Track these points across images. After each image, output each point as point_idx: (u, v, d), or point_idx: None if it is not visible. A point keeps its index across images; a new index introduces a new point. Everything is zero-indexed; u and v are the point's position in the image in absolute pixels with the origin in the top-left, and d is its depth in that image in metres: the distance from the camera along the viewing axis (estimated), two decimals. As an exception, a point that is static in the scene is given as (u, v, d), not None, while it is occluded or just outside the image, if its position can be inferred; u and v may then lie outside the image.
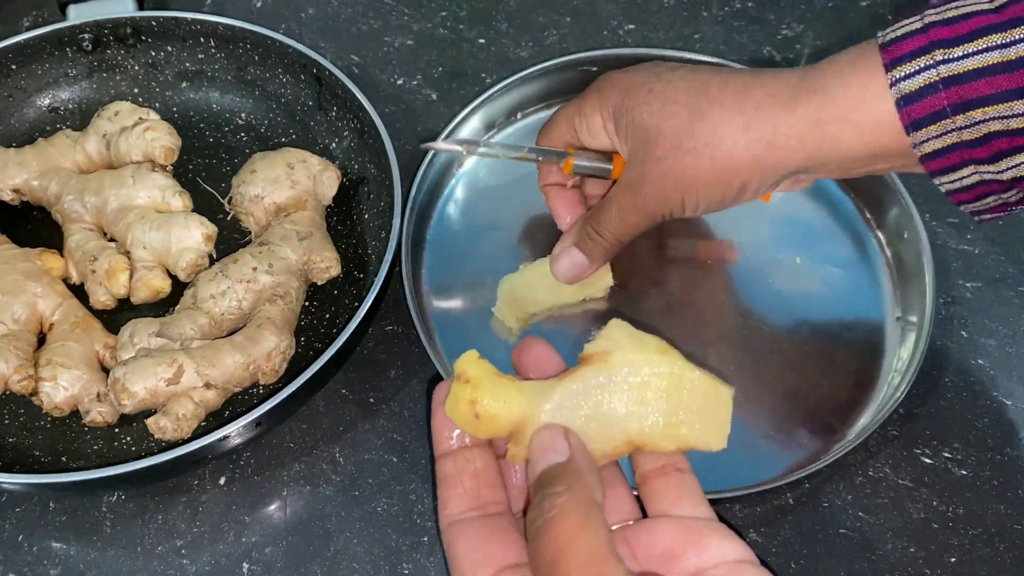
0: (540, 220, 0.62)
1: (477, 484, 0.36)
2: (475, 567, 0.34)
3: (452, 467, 0.36)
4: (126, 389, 0.50)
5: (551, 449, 0.34)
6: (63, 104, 0.66)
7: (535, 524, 0.32)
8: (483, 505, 0.36)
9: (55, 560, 0.51)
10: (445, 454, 0.36)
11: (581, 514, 0.32)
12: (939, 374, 0.57)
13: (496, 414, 0.35)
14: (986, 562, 0.51)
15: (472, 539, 0.35)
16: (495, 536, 0.35)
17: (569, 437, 0.34)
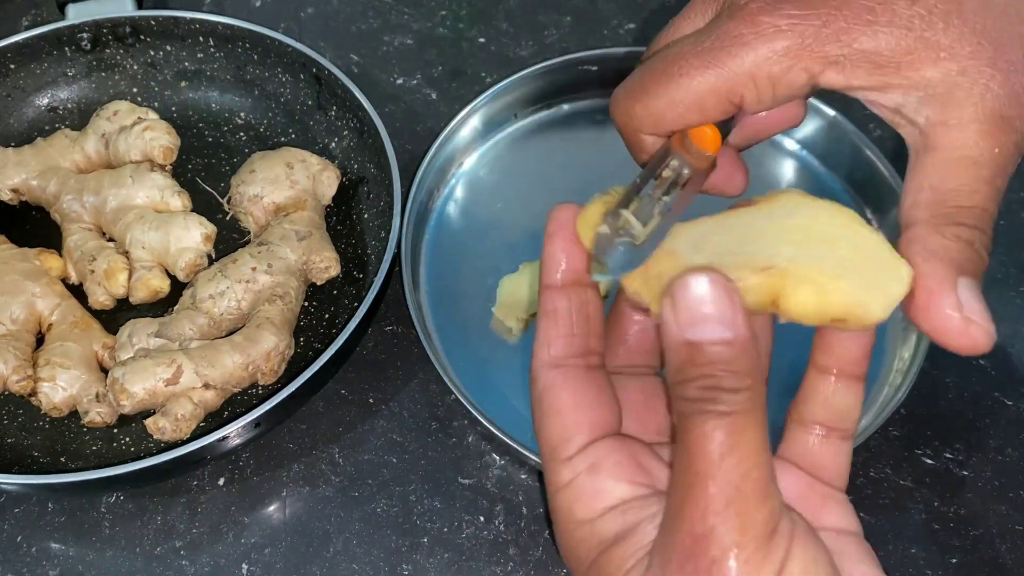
0: (540, 220, 0.61)
1: (587, 330, 0.32)
2: (578, 425, 0.31)
3: (565, 303, 0.32)
4: (125, 389, 0.50)
5: (717, 317, 0.28)
6: (62, 104, 0.66)
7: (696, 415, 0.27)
8: (587, 354, 0.32)
9: (54, 561, 0.51)
10: (554, 286, 0.32)
11: (758, 423, 0.28)
12: (940, 374, 0.57)
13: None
14: (987, 563, 0.51)
15: (578, 393, 0.32)
16: (601, 396, 0.32)
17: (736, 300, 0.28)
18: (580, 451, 0.31)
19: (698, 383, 0.27)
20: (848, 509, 0.33)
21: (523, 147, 0.65)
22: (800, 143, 0.64)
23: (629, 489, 0.31)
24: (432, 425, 0.55)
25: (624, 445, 0.32)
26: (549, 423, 0.32)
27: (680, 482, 0.28)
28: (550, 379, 0.32)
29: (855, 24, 0.31)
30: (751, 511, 0.27)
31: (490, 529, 0.52)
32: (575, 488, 0.31)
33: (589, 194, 0.67)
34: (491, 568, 0.51)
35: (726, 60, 0.32)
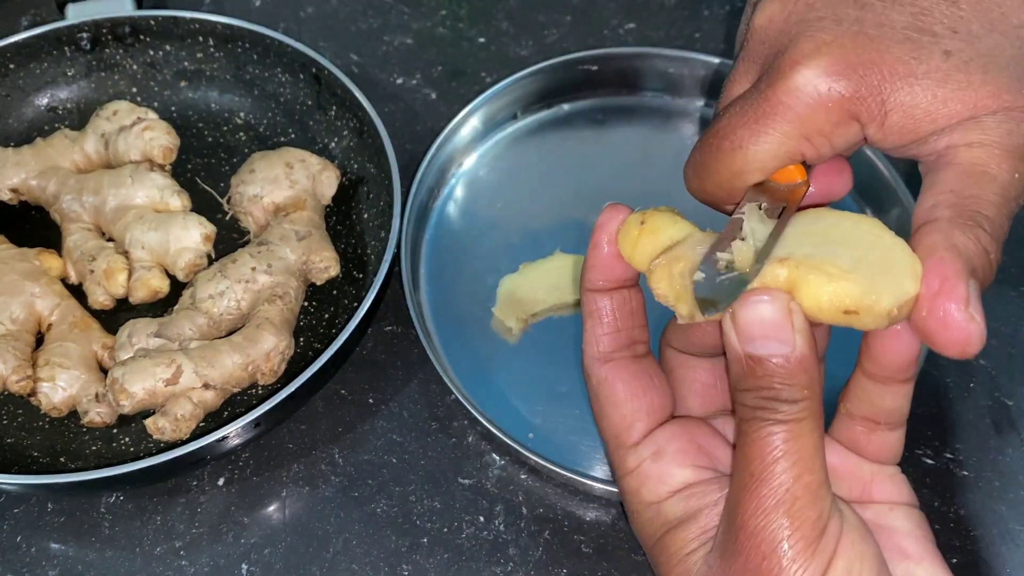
0: (540, 220, 0.62)
1: (631, 324, 0.35)
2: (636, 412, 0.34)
3: (608, 303, 0.35)
4: (124, 389, 0.50)
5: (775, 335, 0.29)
6: (61, 103, 0.66)
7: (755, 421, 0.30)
8: (633, 345, 0.35)
9: (53, 561, 0.51)
10: (597, 289, 0.35)
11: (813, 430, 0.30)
12: (940, 375, 0.57)
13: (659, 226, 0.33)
14: (987, 563, 0.51)
15: (631, 383, 0.34)
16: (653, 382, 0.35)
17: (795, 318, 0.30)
18: (644, 438, 0.34)
19: (757, 393, 0.30)
20: (899, 480, 0.35)
21: (523, 147, 0.65)
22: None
23: (692, 473, 0.34)
24: (432, 425, 0.55)
25: (685, 430, 0.34)
26: (608, 413, 0.34)
27: (737, 481, 0.30)
28: (603, 373, 0.35)
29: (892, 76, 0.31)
30: (801, 512, 0.29)
31: (490, 529, 0.52)
32: (641, 473, 0.34)
33: (589, 194, 0.67)
34: (491, 568, 0.51)
35: (773, 127, 0.33)
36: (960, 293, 0.30)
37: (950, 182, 0.32)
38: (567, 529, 0.52)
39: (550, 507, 0.52)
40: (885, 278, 0.29)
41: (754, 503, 0.29)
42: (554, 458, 0.50)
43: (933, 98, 0.31)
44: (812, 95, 0.32)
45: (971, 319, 0.30)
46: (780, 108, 0.32)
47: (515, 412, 0.54)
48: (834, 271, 0.29)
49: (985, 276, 0.31)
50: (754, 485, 0.29)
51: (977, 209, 0.31)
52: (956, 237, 0.30)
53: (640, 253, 0.33)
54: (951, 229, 0.31)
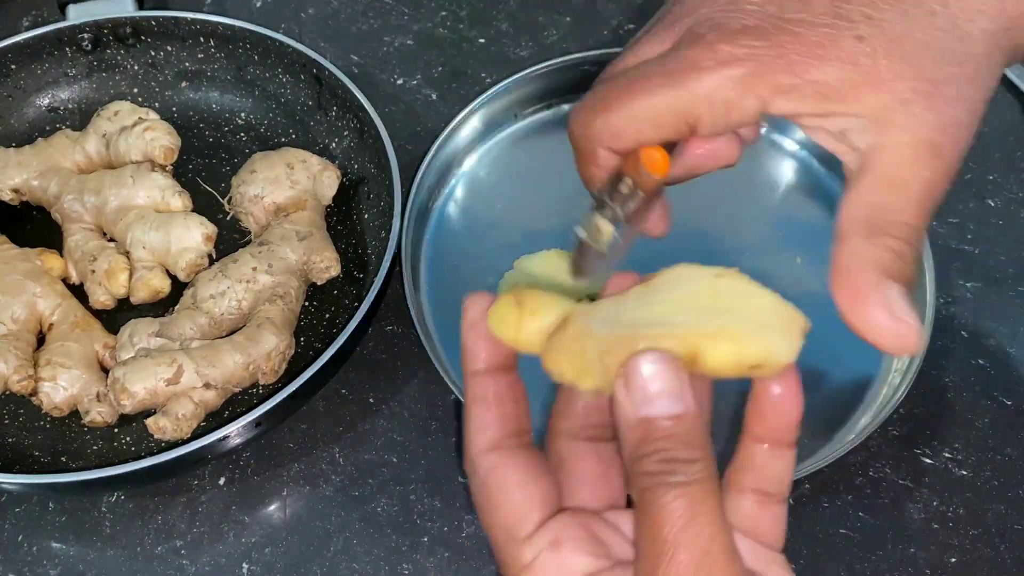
0: (540, 220, 0.62)
1: (518, 411, 0.34)
2: (530, 500, 0.32)
3: (493, 388, 0.33)
4: (126, 389, 0.50)
5: (671, 392, 0.29)
6: (62, 104, 0.66)
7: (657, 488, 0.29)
8: (521, 434, 0.33)
9: (55, 560, 0.51)
10: (478, 373, 0.34)
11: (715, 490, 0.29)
12: (939, 374, 0.57)
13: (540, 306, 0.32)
14: (987, 562, 0.51)
15: (523, 470, 0.32)
16: (542, 471, 0.33)
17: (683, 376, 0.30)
18: (538, 529, 0.32)
19: (655, 457, 0.29)
20: (788, 571, 0.34)
21: (523, 147, 0.65)
22: (799, 143, 0.64)
23: (592, 562, 0.31)
24: (432, 424, 0.55)
25: (578, 520, 0.32)
26: (500, 504, 0.32)
27: (648, 553, 0.29)
28: (491, 462, 0.33)
29: (806, 57, 0.33)
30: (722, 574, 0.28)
31: (490, 528, 0.52)
32: (539, 566, 0.31)
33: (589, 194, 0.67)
34: (491, 568, 0.51)
35: (686, 82, 0.34)
36: (876, 299, 0.32)
37: (863, 193, 0.34)
38: (567, 528, 0.52)
39: (550, 506, 0.52)
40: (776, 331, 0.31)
41: (674, 571, 0.28)
42: (554, 457, 0.50)
43: (843, 79, 0.33)
44: (727, 65, 0.34)
45: (897, 320, 0.31)
46: (697, 67, 0.34)
47: (515, 412, 0.54)
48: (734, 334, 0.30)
49: (903, 276, 0.33)
50: (670, 552, 0.28)
51: (888, 218, 0.33)
52: (865, 250, 0.33)
53: (526, 334, 0.32)
54: (860, 244, 0.33)
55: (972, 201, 0.64)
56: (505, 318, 0.33)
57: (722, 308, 0.31)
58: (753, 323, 0.31)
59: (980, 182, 0.64)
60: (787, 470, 0.34)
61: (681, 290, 0.32)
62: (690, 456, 0.29)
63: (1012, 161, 0.66)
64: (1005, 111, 0.68)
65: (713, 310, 0.31)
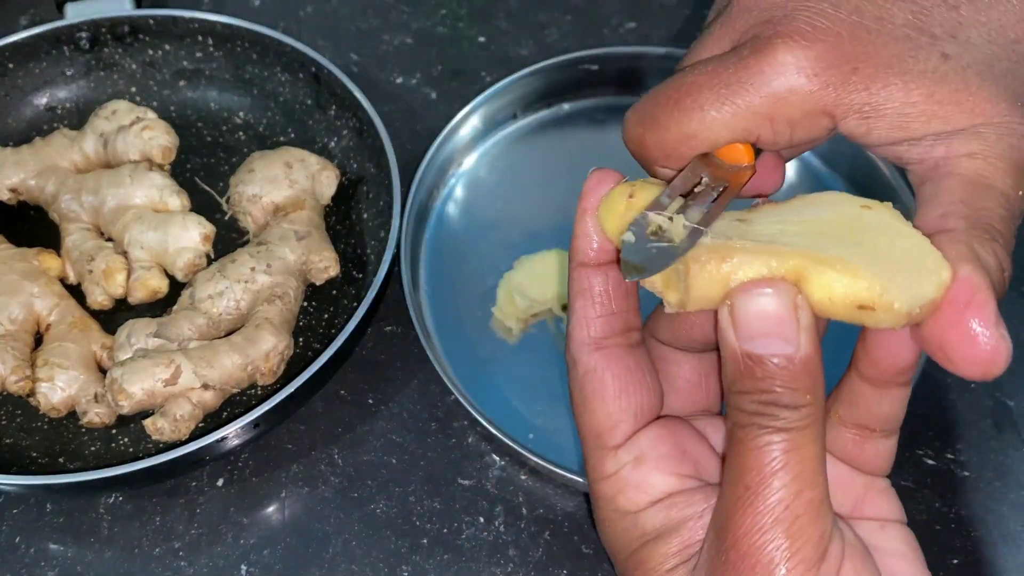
0: (540, 220, 0.61)
1: (627, 306, 0.31)
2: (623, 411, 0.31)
3: (602, 280, 0.31)
4: (123, 390, 0.50)
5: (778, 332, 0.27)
6: (60, 103, 0.66)
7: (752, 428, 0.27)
8: (628, 332, 0.31)
9: (52, 562, 0.51)
10: (588, 264, 0.31)
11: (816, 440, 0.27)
12: (941, 375, 0.57)
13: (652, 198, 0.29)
14: (989, 564, 0.51)
15: (623, 377, 0.31)
16: (645, 378, 0.31)
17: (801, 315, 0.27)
18: (626, 441, 0.31)
19: (755, 397, 0.27)
20: (891, 495, 0.33)
21: (523, 147, 0.65)
22: (801, 143, 0.64)
23: (675, 482, 0.31)
24: (432, 425, 0.55)
25: (670, 433, 0.31)
26: (594, 408, 0.31)
27: (729, 494, 0.28)
28: (592, 362, 0.31)
29: (886, 72, 0.29)
30: (802, 532, 0.27)
31: (490, 530, 0.52)
32: (620, 479, 0.31)
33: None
34: (491, 569, 0.50)
35: (744, 97, 0.30)
36: (990, 310, 0.28)
37: (956, 192, 0.30)
38: (567, 530, 0.51)
39: (550, 508, 0.52)
40: (905, 276, 0.27)
41: (749, 520, 0.27)
42: (554, 459, 0.50)
43: (929, 97, 0.30)
44: (794, 77, 0.29)
45: (1001, 338, 0.28)
46: (756, 79, 0.30)
47: (515, 412, 0.54)
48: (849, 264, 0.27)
49: (1000, 292, 0.29)
50: (749, 500, 0.27)
51: (990, 222, 0.29)
52: (978, 250, 0.28)
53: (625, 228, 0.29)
54: (971, 241, 0.29)
55: (974, 201, 0.63)
56: (612, 207, 0.30)
57: (853, 240, 0.28)
58: (880, 260, 0.27)
59: (982, 182, 0.64)
60: (899, 409, 0.32)
61: (816, 214, 0.29)
62: (794, 402, 0.27)
63: (1014, 160, 0.65)
64: (1007, 110, 0.68)
65: (841, 239, 0.28)
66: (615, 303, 0.31)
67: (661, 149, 0.32)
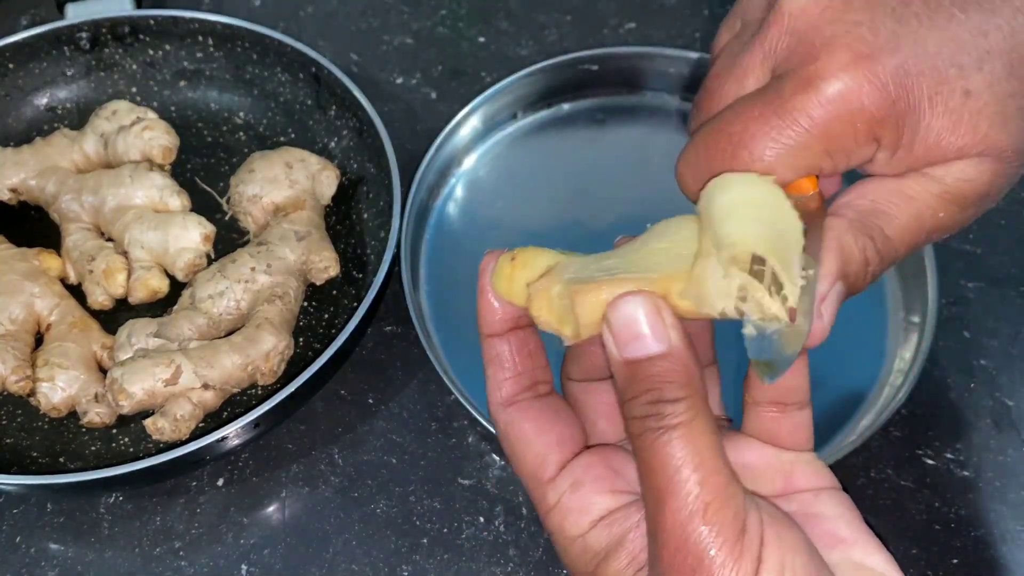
0: (540, 220, 0.61)
1: (532, 366, 0.35)
2: (547, 446, 0.34)
3: (507, 348, 0.34)
4: (124, 390, 0.50)
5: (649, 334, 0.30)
6: (61, 103, 0.66)
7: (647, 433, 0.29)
8: (536, 386, 0.35)
9: (52, 561, 0.51)
10: (494, 335, 0.35)
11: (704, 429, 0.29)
12: (941, 375, 0.57)
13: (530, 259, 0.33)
14: (988, 564, 0.51)
15: (538, 420, 0.34)
16: (559, 416, 0.34)
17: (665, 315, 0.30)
18: (560, 471, 0.33)
19: (642, 399, 0.29)
20: (818, 467, 0.34)
21: (523, 147, 0.65)
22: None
23: (611, 499, 0.33)
24: (432, 425, 0.55)
25: (600, 458, 0.34)
26: (521, 453, 0.34)
27: (648, 499, 0.30)
28: (508, 416, 0.34)
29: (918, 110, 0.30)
30: (716, 516, 0.29)
31: (490, 530, 0.52)
32: (562, 508, 0.33)
33: (589, 194, 0.67)
34: (491, 569, 0.50)
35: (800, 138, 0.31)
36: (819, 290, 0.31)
37: (874, 192, 0.33)
38: (567, 530, 0.51)
39: (550, 507, 0.52)
40: None
41: (669, 519, 0.29)
42: (554, 458, 0.50)
43: (942, 138, 0.31)
44: (844, 110, 0.30)
45: (817, 315, 0.31)
46: (807, 120, 0.30)
47: (515, 412, 0.54)
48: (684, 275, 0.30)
49: (856, 283, 0.32)
50: (664, 500, 0.29)
51: (881, 224, 0.32)
52: (846, 241, 0.32)
53: (516, 288, 0.33)
54: (845, 231, 0.32)
55: (974, 201, 0.63)
56: (501, 273, 0.34)
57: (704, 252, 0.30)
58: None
59: (982, 182, 0.64)
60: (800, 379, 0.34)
61: (668, 238, 0.32)
62: (676, 395, 0.29)
63: (1014, 160, 0.65)
64: (1007, 110, 0.68)
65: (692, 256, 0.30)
66: (520, 364, 0.35)
67: None
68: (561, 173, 0.64)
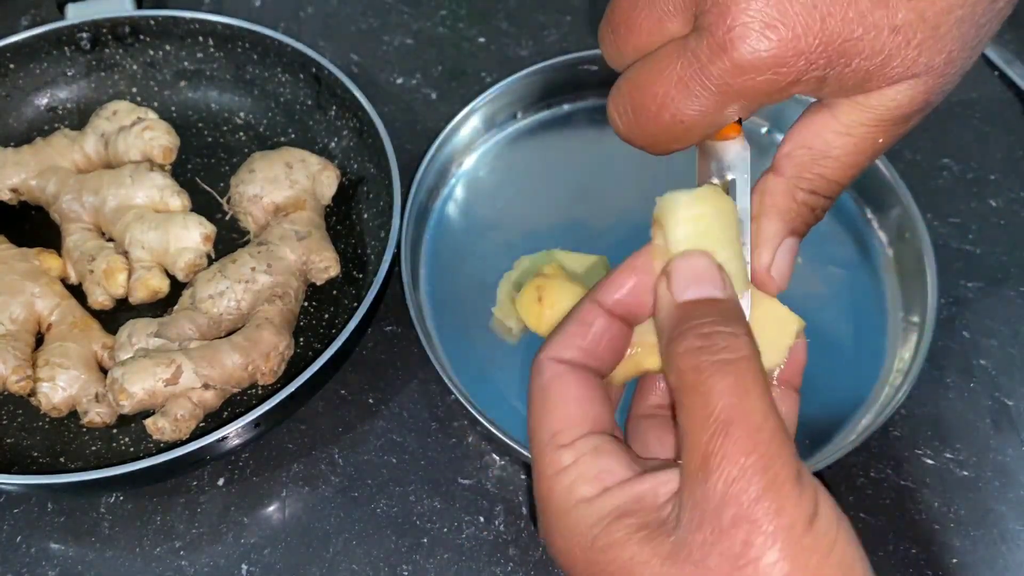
0: (540, 220, 0.61)
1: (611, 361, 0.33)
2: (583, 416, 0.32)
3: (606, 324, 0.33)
4: (124, 390, 0.50)
5: (709, 279, 0.31)
6: (61, 103, 0.66)
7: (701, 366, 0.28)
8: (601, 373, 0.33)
9: (53, 561, 0.51)
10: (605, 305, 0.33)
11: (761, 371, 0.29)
12: (941, 374, 0.57)
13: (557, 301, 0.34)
14: (988, 564, 0.51)
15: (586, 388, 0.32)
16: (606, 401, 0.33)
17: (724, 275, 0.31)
18: (582, 436, 0.31)
19: (697, 331, 0.29)
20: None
21: (523, 147, 0.65)
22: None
23: (628, 471, 0.31)
24: (432, 425, 0.55)
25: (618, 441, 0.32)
26: (553, 409, 0.32)
27: (697, 436, 0.28)
28: (559, 371, 0.32)
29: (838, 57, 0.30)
30: (779, 450, 0.27)
31: (490, 529, 0.52)
32: (579, 467, 0.31)
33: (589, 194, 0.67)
34: (491, 568, 0.50)
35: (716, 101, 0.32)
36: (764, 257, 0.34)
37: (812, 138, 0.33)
38: (567, 529, 0.51)
39: (550, 507, 0.52)
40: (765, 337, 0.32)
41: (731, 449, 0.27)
42: (554, 458, 0.50)
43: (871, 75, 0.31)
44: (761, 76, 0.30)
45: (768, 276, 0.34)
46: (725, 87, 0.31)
47: (515, 412, 0.54)
48: None
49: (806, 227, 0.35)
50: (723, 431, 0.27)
51: (821, 170, 0.34)
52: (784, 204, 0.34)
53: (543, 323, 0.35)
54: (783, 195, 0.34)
55: (974, 201, 0.64)
56: (529, 307, 0.35)
57: None
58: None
59: (982, 182, 0.64)
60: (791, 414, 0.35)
61: None
62: (733, 330, 0.29)
63: (1013, 161, 0.65)
64: (1005, 111, 0.68)
65: None
66: (603, 349, 0.33)
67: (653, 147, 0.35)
68: (561, 173, 0.64)
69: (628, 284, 0.33)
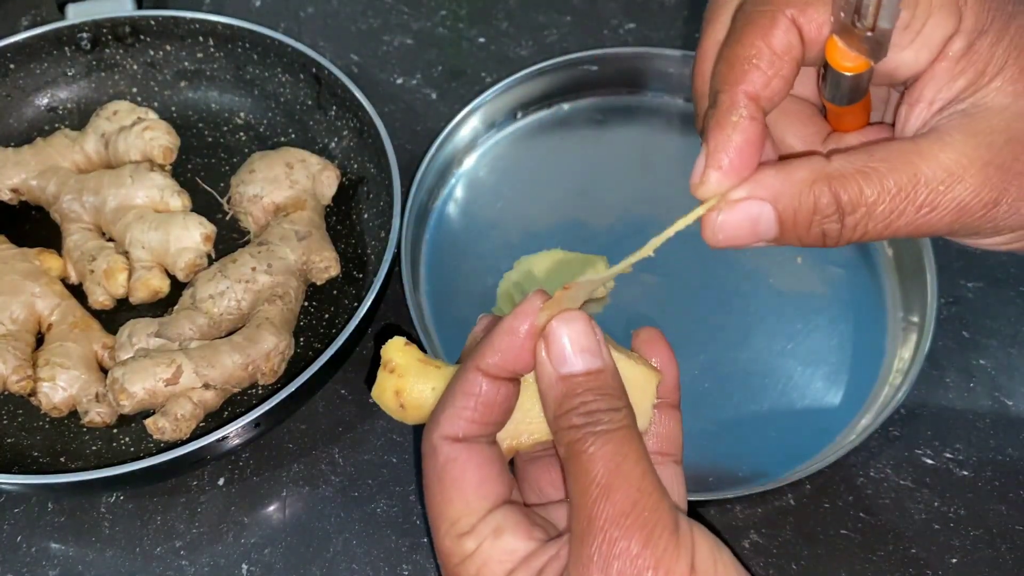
0: (540, 220, 0.61)
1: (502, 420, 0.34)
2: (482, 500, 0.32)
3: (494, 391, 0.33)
4: (124, 389, 0.50)
5: (588, 348, 0.32)
6: (61, 103, 0.66)
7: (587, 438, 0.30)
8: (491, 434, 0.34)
9: (53, 561, 0.51)
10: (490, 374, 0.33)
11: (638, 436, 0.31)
12: (940, 374, 0.57)
13: (421, 403, 0.34)
14: (987, 563, 0.51)
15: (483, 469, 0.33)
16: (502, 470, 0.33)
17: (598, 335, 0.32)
18: (481, 519, 0.32)
19: (579, 410, 0.31)
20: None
21: (523, 147, 0.65)
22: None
23: (530, 544, 0.33)
24: (432, 425, 0.55)
25: (516, 507, 0.33)
26: (451, 498, 0.33)
27: (583, 501, 0.30)
28: (453, 453, 0.33)
29: None
30: (657, 507, 0.30)
31: (490, 529, 0.52)
32: (482, 554, 0.32)
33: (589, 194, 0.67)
34: (491, 568, 0.50)
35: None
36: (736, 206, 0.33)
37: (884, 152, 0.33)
38: (567, 529, 0.52)
39: (550, 507, 0.52)
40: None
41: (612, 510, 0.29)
42: (554, 458, 0.50)
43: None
44: None
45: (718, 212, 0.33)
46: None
47: (515, 412, 0.54)
48: None
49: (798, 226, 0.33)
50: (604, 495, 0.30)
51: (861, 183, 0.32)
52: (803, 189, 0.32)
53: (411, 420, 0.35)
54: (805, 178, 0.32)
55: (973, 201, 0.63)
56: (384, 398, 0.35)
57: None
58: None
59: (981, 182, 0.64)
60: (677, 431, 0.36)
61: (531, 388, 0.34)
62: (612, 406, 0.31)
63: (1013, 161, 0.65)
64: (1006, 110, 0.68)
65: None
66: (493, 414, 0.33)
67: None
68: (561, 173, 0.64)
69: (513, 350, 0.33)
